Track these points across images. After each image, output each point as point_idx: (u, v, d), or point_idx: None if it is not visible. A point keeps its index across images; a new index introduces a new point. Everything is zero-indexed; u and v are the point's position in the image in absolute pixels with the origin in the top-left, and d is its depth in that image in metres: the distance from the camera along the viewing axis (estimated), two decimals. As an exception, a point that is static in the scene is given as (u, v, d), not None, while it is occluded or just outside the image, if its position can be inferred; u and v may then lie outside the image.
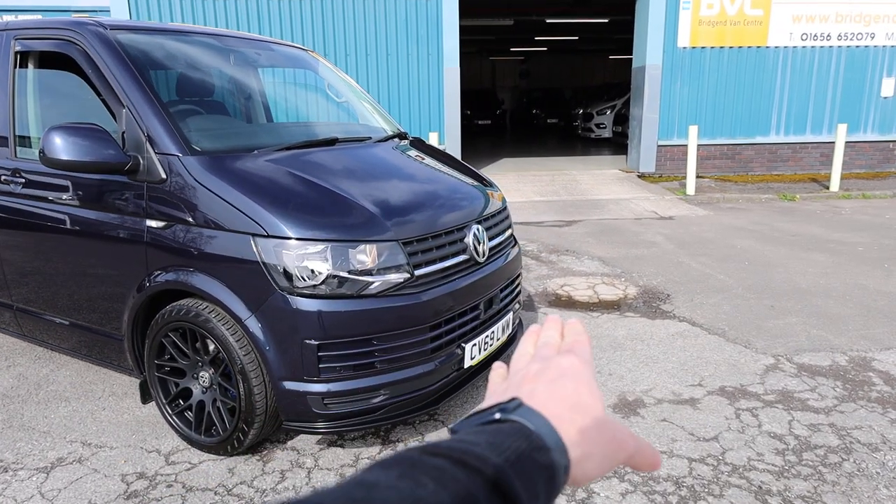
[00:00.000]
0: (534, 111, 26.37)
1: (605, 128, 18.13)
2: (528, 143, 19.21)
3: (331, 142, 3.19)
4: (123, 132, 2.70)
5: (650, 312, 4.48)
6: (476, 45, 23.82)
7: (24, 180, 3.06)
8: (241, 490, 2.52)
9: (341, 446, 2.84)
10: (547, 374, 0.54)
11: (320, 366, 2.46)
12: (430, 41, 10.28)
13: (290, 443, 2.86)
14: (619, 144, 16.50)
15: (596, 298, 4.82)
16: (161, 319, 2.71)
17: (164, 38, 3.14)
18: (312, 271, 2.41)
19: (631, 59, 11.56)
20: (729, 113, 11.10)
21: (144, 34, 3.05)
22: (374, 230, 2.54)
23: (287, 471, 2.65)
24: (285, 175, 2.66)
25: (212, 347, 2.66)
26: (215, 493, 2.50)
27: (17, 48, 3.11)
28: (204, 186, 2.53)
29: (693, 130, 9.36)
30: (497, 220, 3.30)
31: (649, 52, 10.66)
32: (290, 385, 2.49)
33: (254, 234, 2.44)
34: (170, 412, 2.83)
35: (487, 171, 11.98)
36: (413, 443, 2.85)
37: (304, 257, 2.42)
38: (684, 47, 10.75)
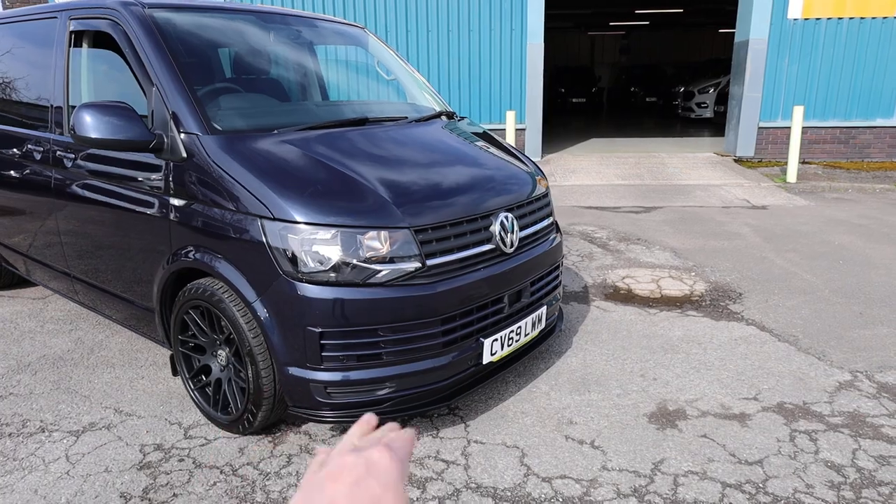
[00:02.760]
0: (632, 89, 25.14)
1: (706, 107, 16.96)
2: (622, 123, 18.36)
3: (360, 122, 3.09)
4: (153, 111, 2.74)
5: (715, 312, 4.10)
6: (573, 20, 22.93)
7: (73, 156, 3.20)
8: (245, 471, 2.53)
9: (354, 435, 2.78)
10: (355, 472, 0.54)
11: (323, 354, 2.39)
12: (514, 16, 9.94)
13: (304, 427, 2.84)
14: (720, 125, 15.40)
15: (658, 293, 4.48)
16: (183, 297, 2.75)
17: (206, 17, 3.15)
18: (319, 257, 2.34)
19: (734, 33, 10.64)
20: (844, 92, 9.99)
21: (185, 13, 3.07)
22: (385, 217, 2.43)
23: (294, 455, 2.63)
24: (300, 157, 2.59)
25: (226, 327, 2.67)
26: (221, 472, 2.52)
27: (72, 27, 3.23)
28: (218, 166, 2.52)
29: (798, 111, 8.49)
30: (534, 208, 3.09)
31: (754, 24, 9.75)
32: (294, 371, 2.45)
33: (261, 217, 2.40)
34: (192, 387, 2.89)
35: (571, 152, 11.54)
36: (427, 437, 2.75)
37: (311, 242, 2.35)
38: (795, 19, 9.74)
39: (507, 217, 2.82)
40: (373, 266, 2.39)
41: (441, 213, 2.57)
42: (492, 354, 2.75)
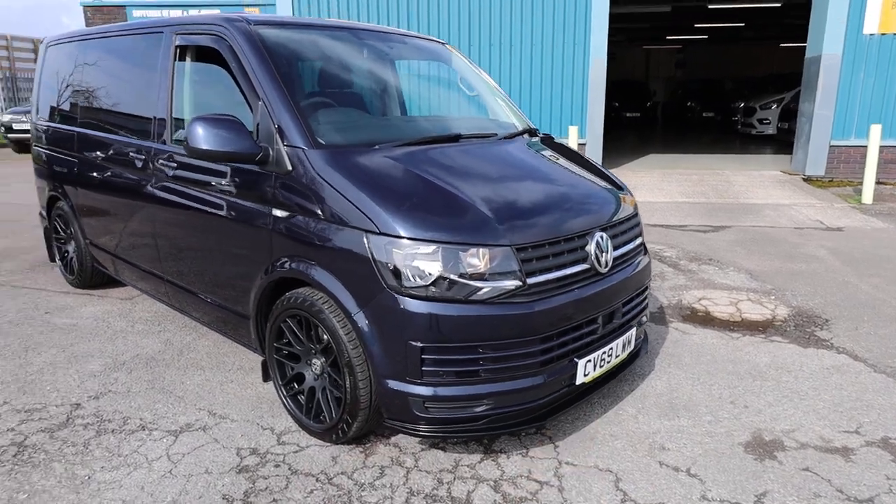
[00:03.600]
0: (688, 103, 24.67)
1: (768, 123, 16.51)
2: (678, 139, 18.03)
3: (454, 138, 3.12)
4: (258, 124, 2.82)
5: (802, 339, 3.96)
6: (627, 34, 22.68)
7: (175, 164, 3.32)
8: (340, 480, 2.56)
9: (443, 450, 2.79)
10: None
11: (423, 368, 2.41)
12: (577, 31, 9.90)
13: (393, 439, 2.86)
14: (784, 143, 14.95)
15: (738, 317, 4.36)
16: (281, 305, 2.82)
17: (304, 33, 3.24)
18: (421, 272, 2.37)
19: (805, 48, 10.34)
20: (924, 111, 9.57)
21: (287, 29, 3.17)
22: (487, 234, 2.44)
23: (387, 467, 2.65)
24: (403, 172, 2.63)
25: (324, 337, 2.72)
26: (317, 480, 2.56)
27: (178, 42, 3.37)
28: (324, 179, 2.58)
29: (875, 130, 8.18)
30: (625, 228, 3.05)
31: (827, 39, 9.46)
32: (393, 384, 2.47)
33: (366, 231, 2.44)
34: (284, 394, 2.95)
35: (631, 168, 11.39)
36: (516, 455, 2.74)
37: (414, 257, 2.37)
38: (871, 34, 9.41)
39: (602, 236, 2.80)
40: (475, 283, 2.39)
41: (540, 232, 2.57)
42: (584, 375, 2.72)
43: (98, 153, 4.05)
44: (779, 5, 15.27)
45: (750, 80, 21.61)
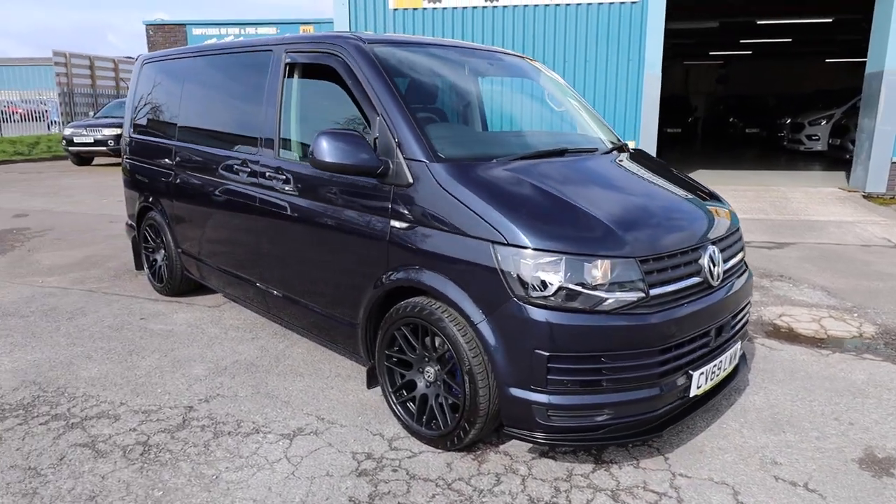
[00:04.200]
0: (730, 119, 24.40)
1: (818, 140, 16.24)
2: (722, 155, 17.84)
3: (560, 152, 3.19)
4: (376, 138, 2.93)
5: (895, 357, 3.90)
6: (670, 50, 22.59)
7: (284, 177, 3.45)
8: (459, 486, 2.61)
9: (553, 458, 2.82)
10: None
11: (548, 377, 2.46)
12: (632, 46, 9.94)
13: (502, 447, 2.91)
14: (834, 160, 14.70)
15: (823, 334, 4.31)
16: (395, 313, 2.90)
17: (411, 51, 3.36)
18: (547, 282, 2.42)
19: (856, 63, 10.19)
20: None
21: (396, 47, 3.29)
22: (612, 245, 2.49)
23: (502, 475, 2.70)
24: (525, 185, 2.71)
25: (440, 345, 2.79)
26: (436, 485, 2.62)
27: (288, 60, 3.52)
28: (448, 192, 2.66)
29: (944, 147, 8.01)
30: (732, 241, 3.08)
31: (890, 54, 9.32)
32: (515, 392, 2.52)
33: (493, 242, 2.51)
34: (394, 400, 3.02)
35: (681, 183, 11.30)
36: (628, 466, 2.76)
37: (541, 267, 2.43)
38: (937, 50, 9.23)
39: (714, 250, 2.83)
40: (600, 294, 2.44)
41: (661, 244, 2.61)
42: (697, 388, 2.74)
43: (199, 165, 4.22)
44: (830, 20, 15.09)
45: (794, 96, 21.30)
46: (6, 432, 2.99)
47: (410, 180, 2.79)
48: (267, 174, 3.56)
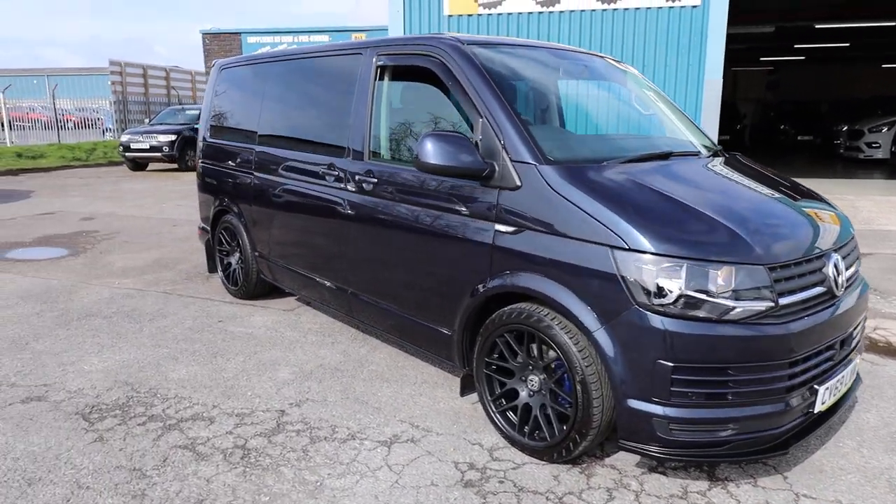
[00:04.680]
0: (781, 126, 23.77)
1: (878, 147, 15.67)
2: (775, 162, 17.32)
3: (664, 156, 3.08)
4: (479, 140, 2.87)
5: None
6: (719, 55, 22.12)
7: (375, 180, 3.42)
8: (570, 500, 2.51)
9: (664, 474, 2.70)
10: None
11: (672, 389, 2.35)
12: (692, 51, 9.72)
13: (607, 459, 2.80)
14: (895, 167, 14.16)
15: (927, 349, 4.08)
16: (498, 320, 2.82)
17: (507, 52, 3.30)
18: (674, 289, 2.32)
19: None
20: None
21: (494, 48, 3.23)
22: (741, 252, 2.37)
23: (613, 489, 2.59)
24: (640, 188, 2.61)
25: (547, 353, 2.70)
26: (546, 499, 2.52)
27: (379, 62, 3.49)
28: (561, 195, 2.58)
29: None
30: (851, 248, 2.92)
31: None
32: (635, 404, 2.42)
33: (612, 247, 2.41)
34: (494, 409, 2.94)
35: (739, 191, 10.99)
36: (745, 484, 2.62)
37: (665, 274, 2.33)
38: None
39: (837, 258, 2.68)
40: (728, 302, 2.32)
41: (789, 251, 2.48)
42: (822, 403, 2.59)
43: (280, 169, 4.23)
44: (893, 24, 14.56)
45: (849, 102, 20.63)
46: (107, 432, 3.00)
47: (518, 183, 2.72)
48: (357, 177, 3.54)
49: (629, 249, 2.38)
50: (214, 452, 2.84)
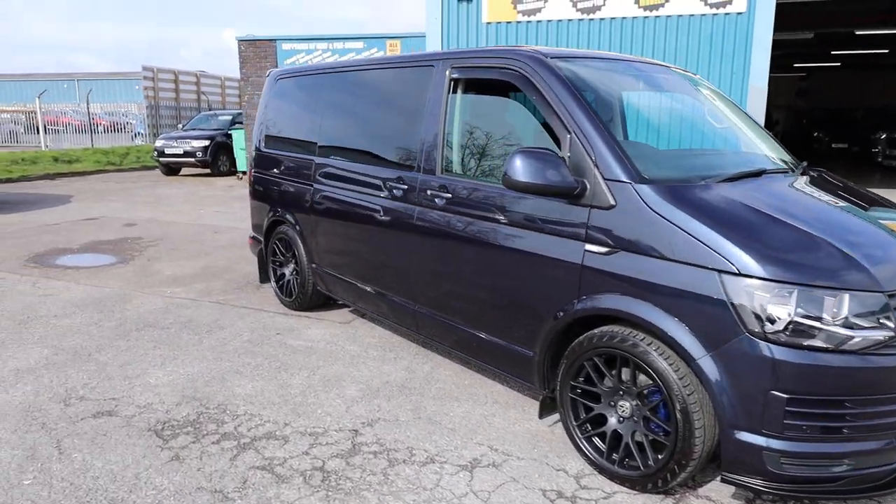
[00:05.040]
0: (815, 133, 23.35)
1: (919, 155, 15.32)
2: (812, 170, 17.00)
3: (758, 173, 2.97)
4: (567, 157, 2.78)
5: None
6: (751, 61, 21.79)
7: (449, 195, 3.35)
8: (671, 534, 2.41)
9: (763, 507, 2.59)
10: None
11: (785, 421, 2.24)
12: (736, 58, 9.55)
13: (700, 490, 2.69)
14: (940, 176, 13.80)
15: None
16: (587, 342, 2.73)
17: (589, 65, 3.21)
18: (790, 317, 2.21)
19: None
20: None
21: (574, 61, 3.15)
22: (857, 277, 2.25)
23: (714, 523, 2.48)
24: (745, 209, 2.50)
25: (641, 378, 2.61)
26: (645, 532, 2.42)
27: (453, 75, 3.42)
28: (661, 216, 2.48)
29: None
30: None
31: None
32: (743, 436, 2.31)
33: (721, 271, 2.31)
34: (579, 435, 2.84)
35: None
36: (852, 521, 2.50)
37: (778, 300, 2.22)
38: None
39: (949, 284, 2.55)
40: (845, 331, 2.21)
41: (905, 277, 2.36)
42: (936, 437, 2.45)
43: (342, 181, 4.18)
44: (937, 30, 14.22)
45: (884, 110, 20.23)
46: (182, 450, 2.96)
47: (612, 202, 2.63)
48: (428, 191, 3.47)
49: (739, 274, 2.28)
50: (293, 475, 2.78)
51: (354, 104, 4.24)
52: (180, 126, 17.45)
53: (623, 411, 2.71)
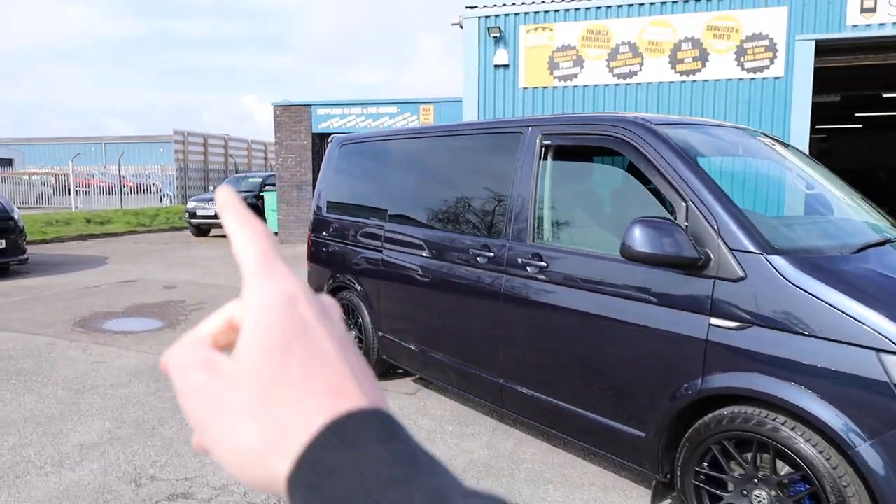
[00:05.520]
0: (839, 194, 23.24)
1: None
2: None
3: (882, 242, 2.83)
4: (686, 226, 2.67)
5: None
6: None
7: (545, 264, 3.23)
8: None
9: None
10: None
11: (968, 520, 2.01)
12: (776, 122, 9.57)
13: None
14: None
15: None
16: (715, 424, 2.53)
17: (696, 132, 3.15)
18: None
19: None
20: None
21: (682, 128, 3.08)
22: None
23: None
24: (891, 281, 2.35)
25: (781, 466, 2.39)
26: None
27: (545, 142, 3.36)
28: (803, 290, 2.33)
29: None
30: None
31: None
32: (916, 535, 2.08)
33: (879, 350, 2.14)
34: (706, 526, 2.61)
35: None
36: None
37: (948, 384, 2.04)
38: None
39: None
40: None
41: None
42: None
43: (418, 249, 4.08)
44: (965, 92, 14.29)
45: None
46: (270, 539, 2.75)
47: (741, 274, 2.48)
48: (519, 259, 3.35)
49: (902, 354, 2.10)
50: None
51: (429, 170, 4.19)
52: (211, 188, 17.71)
53: (760, 502, 2.48)
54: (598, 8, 10.15)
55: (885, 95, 14.86)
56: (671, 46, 9.86)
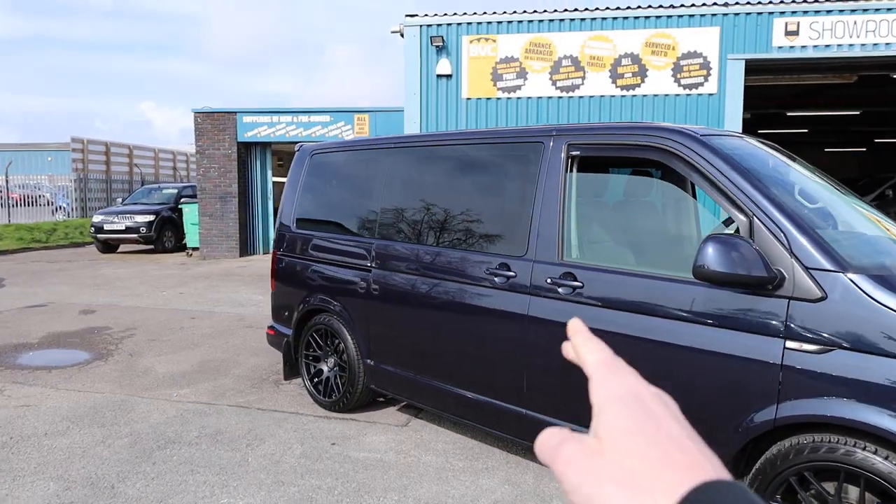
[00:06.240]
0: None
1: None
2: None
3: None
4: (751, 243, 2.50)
5: None
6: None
7: (580, 283, 2.98)
8: None
9: None
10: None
11: None
12: (710, 136, 9.94)
13: None
14: None
15: None
16: (794, 454, 2.37)
17: (736, 142, 3.01)
18: None
19: (852, 152, 10.32)
20: None
21: (724, 138, 2.93)
22: None
23: None
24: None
25: (869, 498, 2.26)
26: None
27: (572, 152, 3.13)
28: (892, 310, 2.21)
29: None
30: None
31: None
32: None
33: (982, 372, 2.04)
34: (784, 565, 2.43)
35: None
36: None
37: None
38: None
39: None
40: None
41: None
42: None
43: (419, 267, 3.72)
44: (857, 113, 15.64)
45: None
46: None
47: (820, 294, 2.34)
48: (548, 280, 3.08)
49: None
50: None
51: (429, 182, 3.85)
52: (119, 200, 16.30)
53: (845, 539, 2.33)
54: (541, 21, 10.19)
55: (788, 114, 15.97)
56: (612, 61, 10.05)
